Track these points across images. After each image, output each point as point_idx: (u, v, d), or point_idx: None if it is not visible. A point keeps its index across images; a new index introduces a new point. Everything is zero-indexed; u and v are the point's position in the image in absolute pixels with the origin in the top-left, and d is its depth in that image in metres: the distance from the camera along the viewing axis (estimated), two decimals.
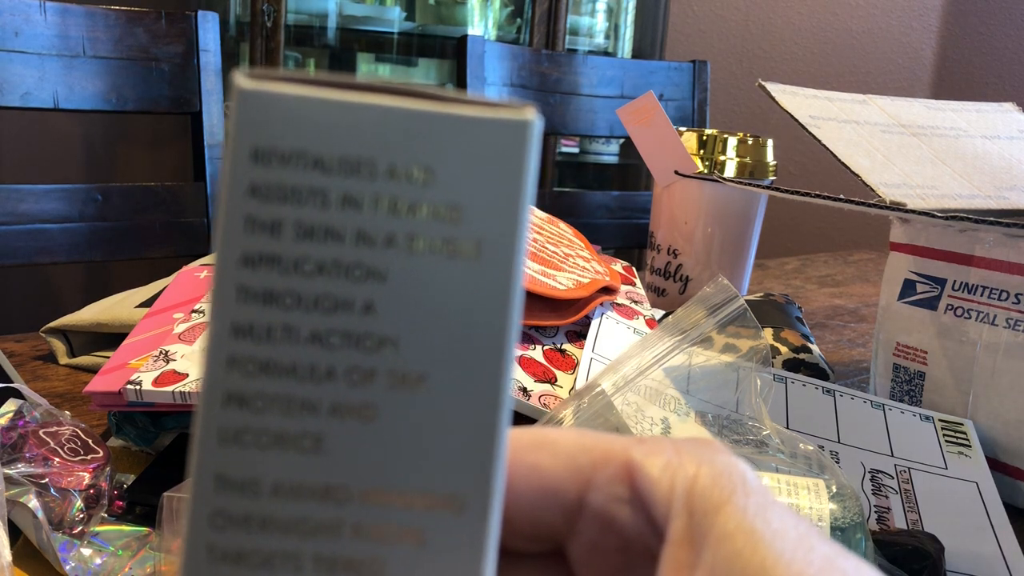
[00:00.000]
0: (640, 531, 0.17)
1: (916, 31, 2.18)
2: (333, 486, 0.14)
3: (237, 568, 0.14)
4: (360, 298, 0.14)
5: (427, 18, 2.11)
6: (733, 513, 0.15)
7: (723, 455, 0.17)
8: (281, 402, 0.14)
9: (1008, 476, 0.59)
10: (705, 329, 0.53)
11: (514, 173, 0.14)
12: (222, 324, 0.14)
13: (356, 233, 0.14)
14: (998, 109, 0.81)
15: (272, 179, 0.14)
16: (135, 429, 0.53)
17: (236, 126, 0.14)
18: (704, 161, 0.89)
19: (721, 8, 2.32)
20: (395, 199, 0.14)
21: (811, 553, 0.15)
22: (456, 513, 0.15)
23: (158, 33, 1.06)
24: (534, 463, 0.17)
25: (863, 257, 1.39)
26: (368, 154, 0.14)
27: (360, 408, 0.14)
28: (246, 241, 0.14)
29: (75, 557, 0.41)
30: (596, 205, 1.39)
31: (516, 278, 0.15)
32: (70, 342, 0.68)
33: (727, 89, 2.28)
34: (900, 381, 0.66)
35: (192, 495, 0.14)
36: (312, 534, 0.14)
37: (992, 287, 0.60)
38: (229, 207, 0.14)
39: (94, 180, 1.99)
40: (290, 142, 0.14)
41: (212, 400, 0.14)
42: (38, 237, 1.00)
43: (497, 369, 0.15)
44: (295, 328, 0.14)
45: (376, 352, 0.14)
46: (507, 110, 0.14)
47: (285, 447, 0.14)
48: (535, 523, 0.17)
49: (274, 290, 0.14)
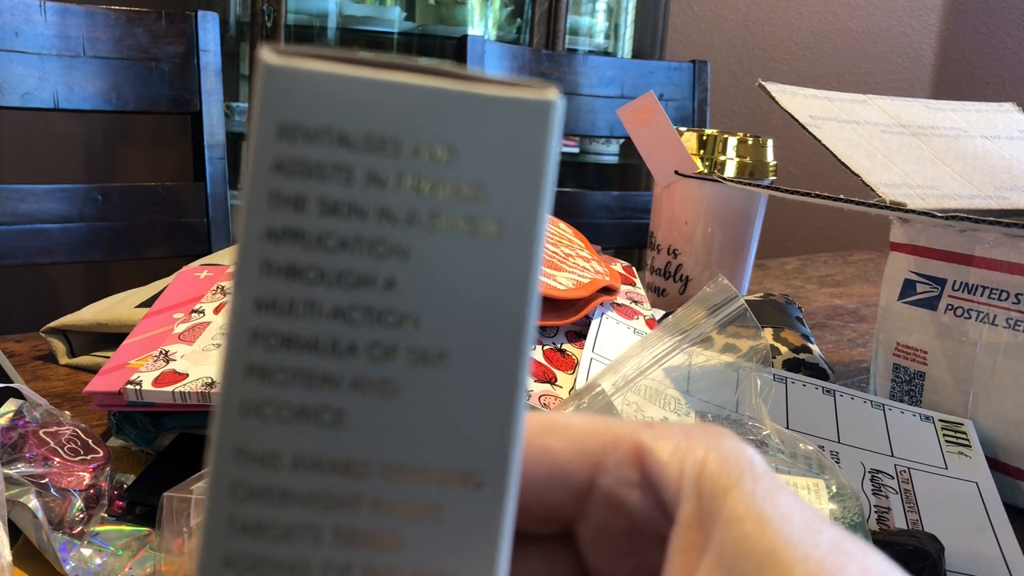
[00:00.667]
0: (649, 514, 0.17)
1: (916, 31, 2.18)
2: (353, 461, 0.14)
3: (256, 539, 0.14)
4: (382, 274, 0.14)
5: (427, 18, 2.11)
6: (742, 497, 0.15)
7: (731, 440, 0.17)
8: (303, 376, 0.14)
9: (1008, 476, 0.59)
10: (705, 329, 0.53)
11: (537, 153, 0.15)
12: (245, 298, 0.14)
13: (379, 210, 0.14)
14: (998, 109, 0.81)
15: (297, 155, 0.14)
16: (135, 429, 0.53)
17: (262, 102, 0.14)
18: (704, 161, 0.89)
19: (721, 8, 2.32)
20: (419, 177, 0.14)
21: (818, 536, 0.15)
22: (474, 490, 0.15)
23: (158, 33, 1.06)
24: (545, 446, 0.17)
25: (863, 257, 1.39)
26: (393, 132, 0.14)
27: (381, 383, 0.14)
28: (270, 216, 0.14)
29: (75, 557, 0.41)
30: (596, 205, 1.39)
31: (537, 257, 0.15)
32: (70, 342, 0.68)
33: (727, 89, 2.28)
34: (900, 381, 0.66)
35: (212, 467, 0.14)
36: (331, 508, 0.14)
37: (992, 287, 0.60)
38: (254, 182, 0.14)
39: (94, 180, 1.99)
40: (316, 118, 0.14)
41: (234, 373, 0.14)
42: (38, 237, 1.00)
43: (516, 348, 0.15)
44: (318, 303, 0.14)
45: (397, 328, 0.14)
46: (531, 90, 0.14)
47: (306, 421, 0.14)
48: (545, 505, 0.18)
49: (297, 265, 0.14)
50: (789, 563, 0.14)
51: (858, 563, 0.14)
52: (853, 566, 0.14)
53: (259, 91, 0.14)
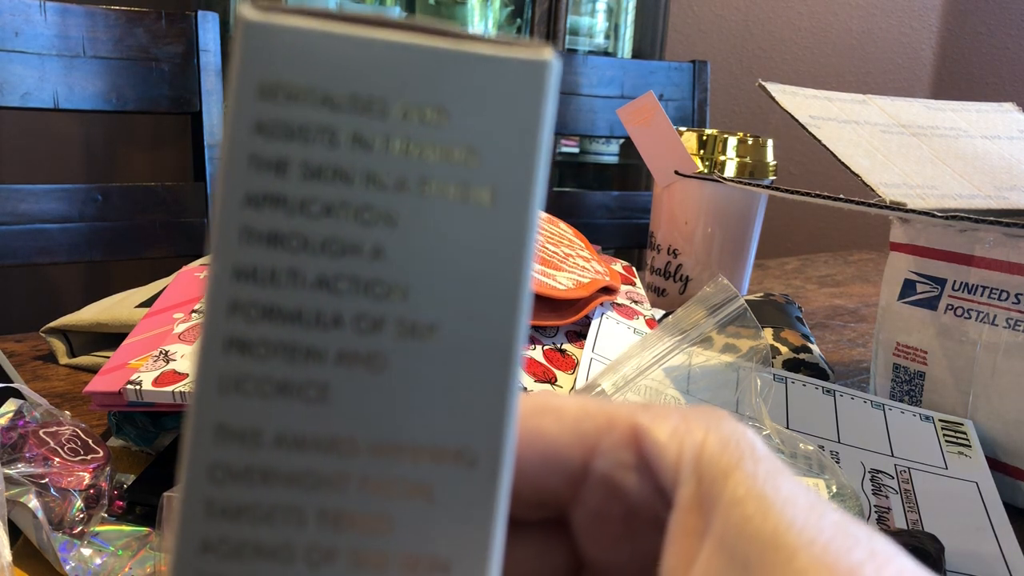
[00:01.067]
0: (646, 498, 0.17)
1: (916, 31, 2.18)
2: (339, 438, 0.14)
3: (236, 523, 0.14)
4: (369, 242, 0.14)
5: (427, 18, 2.10)
6: (743, 479, 0.15)
7: (731, 422, 0.16)
8: (285, 349, 0.14)
9: (1008, 476, 0.59)
10: (705, 329, 0.53)
11: (531, 115, 0.14)
12: (224, 267, 0.13)
13: (366, 174, 0.14)
14: (998, 109, 0.81)
15: (279, 116, 0.13)
16: (135, 429, 0.53)
17: (241, 60, 0.13)
18: (704, 161, 0.89)
19: (721, 8, 2.32)
20: (407, 140, 0.14)
21: (822, 519, 0.14)
22: (467, 468, 0.14)
23: (158, 33, 1.06)
24: (538, 428, 0.17)
25: (863, 257, 1.39)
26: (380, 92, 0.13)
27: (368, 357, 0.14)
28: (250, 180, 0.13)
29: (75, 557, 0.41)
30: (596, 205, 1.39)
31: (532, 225, 0.14)
32: (70, 342, 0.68)
33: (727, 89, 2.28)
34: (900, 381, 0.66)
35: (190, 446, 0.14)
36: (316, 488, 0.14)
37: (992, 287, 0.60)
38: (233, 144, 0.13)
39: (94, 180, 1.99)
40: (298, 78, 0.13)
41: (212, 346, 0.14)
42: (38, 237, 1.00)
43: (510, 320, 0.14)
44: (301, 272, 0.14)
45: (385, 299, 0.14)
46: (525, 49, 0.14)
47: (289, 396, 0.14)
48: (539, 490, 0.17)
49: (279, 232, 0.13)
50: (794, 546, 0.14)
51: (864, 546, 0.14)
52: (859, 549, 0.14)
53: (238, 49, 0.13)
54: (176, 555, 0.14)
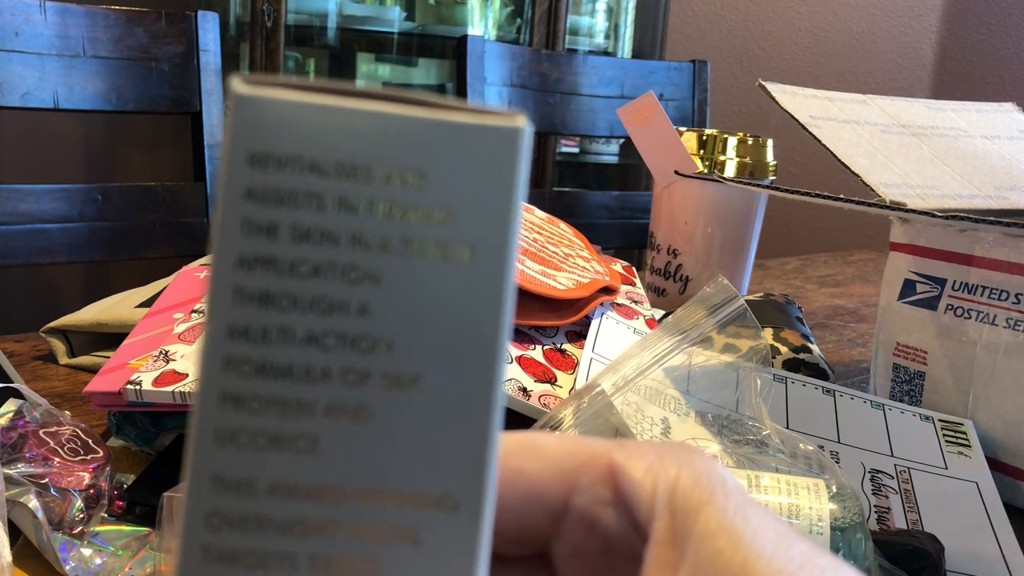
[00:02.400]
0: (623, 532, 0.17)
1: (916, 31, 2.18)
2: (328, 486, 0.14)
3: (233, 568, 0.14)
4: (355, 300, 0.14)
5: (427, 18, 2.11)
6: (714, 513, 0.16)
7: (702, 458, 0.17)
8: (277, 403, 0.14)
9: (1008, 476, 0.59)
10: (705, 329, 0.53)
11: (506, 179, 0.15)
12: (218, 325, 0.14)
13: (351, 236, 0.14)
14: (998, 109, 0.81)
15: (269, 183, 0.14)
16: (135, 429, 0.53)
17: (233, 130, 0.14)
18: (704, 161, 0.89)
19: (721, 8, 2.32)
20: (390, 203, 0.14)
21: (790, 550, 0.15)
22: (450, 512, 0.15)
23: (158, 33, 1.06)
24: (519, 467, 0.18)
25: (863, 257, 1.39)
26: (363, 159, 0.14)
27: (355, 409, 0.14)
28: (242, 243, 0.14)
29: (75, 557, 0.41)
30: (596, 205, 1.39)
31: (508, 281, 0.15)
32: (70, 342, 0.68)
33: (727, 89, 2.28)
34: (900, 381, 0.66)
35: (188, 495, 0.14)
36: (308, 534, 0.14)
37: (992, 287, 0.60)
38: (226, 210, 0.14)
39: (94, 180, 1.99)
40: (286, 147, 0.14)
41: (208, 401, 0.14)
42: (38, 237, 1.00)
43: (489, 371, 0.15)
44: (291, 329, 0.14)
45: (371, 353, 0.14)
46: (498, 117, 0.15)
47: (281, 448, 0.14)
48: (521, 526, 0.18)
49: (270, 292, 0.14)
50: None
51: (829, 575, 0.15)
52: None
53: (230, 120, 0.14)
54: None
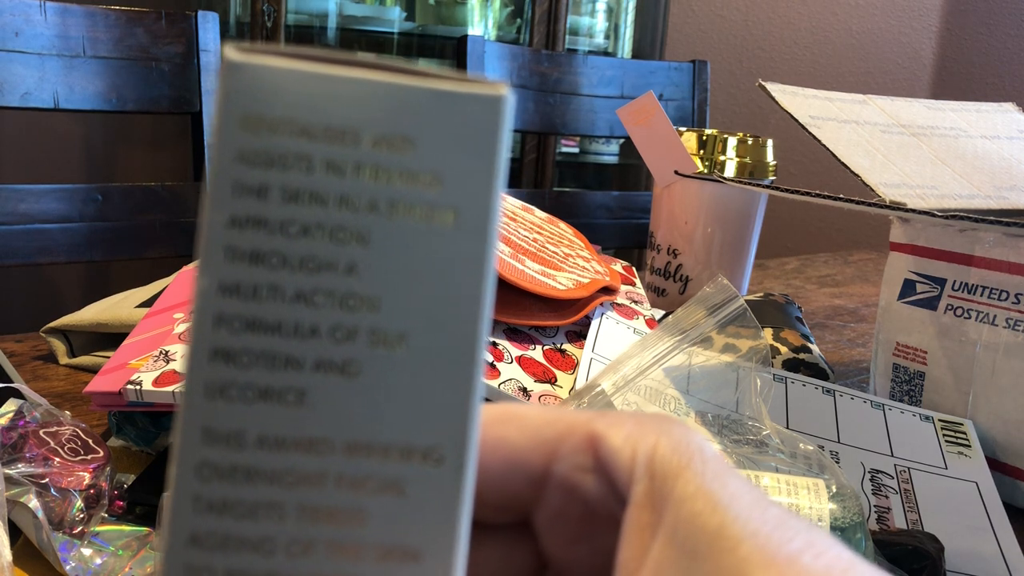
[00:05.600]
0: (603, 498, 0.18)
1: (916, 31, 2.18)
2: (316, 439, 0.15)
3: (222, 517, 0.15)
4: (343, 260, 0.15)
5: (427, 18, 2.11)
6: (692, 478, 0.16)
7: (681, 427, 0.18)
8: (266, 358, 0.15)
9: (1008, 476, 0.59)
10: (705, 329, 0.53)
11: (489, 145, 0.15)
12: (210, 283, 0.15)
13: (339, 198, 0.15)
14: (998, 109, 0.81)
15: (260, 146, 0.15)
16: (135, 429, 0.53)
17: (225, 95, 0.15)
18: (704, 161, 0.89)
19: (721, 8, 2.32)
20: (377, 167, 0.15)
21: (765, 513, 0.15)
22: (435, 466, 0.15)
23: (158, 33, 1.06)
24: (501, 435, 0.18)
25: (863, 257, 1.39)
26: (352, 124, 0.15)
27: (343, 364, 0.15)
28: (234, 204, 0.15)
29: (75, 557, 0.41)
30: (596, 205, 1.39)
31: (491, 245, 0.15)
32: (70, 342, 0.68)
33: (727, 89, 2.28)
34: (900, 381, 0.66)
35: (179, 447, 0.15)
36: (296, 485, 0.15)
37: (992, 287, 0.60)
38: (218, 171, 0.15)
39: (94, 180, 1.99)
40: (277, 111, 0.15)
41: (200, 356, 0.15)
42: (38, 237, 1.00)
43: (473, 331, 0.15)
44: (280, 287, 0.15)
45: (358, 311, 0.15)
46: (482, 86, 0.15)
47: (270, 401, 0.15)
48: (502, 494, 0.18)
49: (261, 250, 0.15)
50: (738, 537, 0.15)
51: (803, 537, 0.15)
52: (798, 540, 0.15)
53: (222, 85, 0.15)
54: (166, 548, 0.15)
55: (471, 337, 0.15)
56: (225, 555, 0.15)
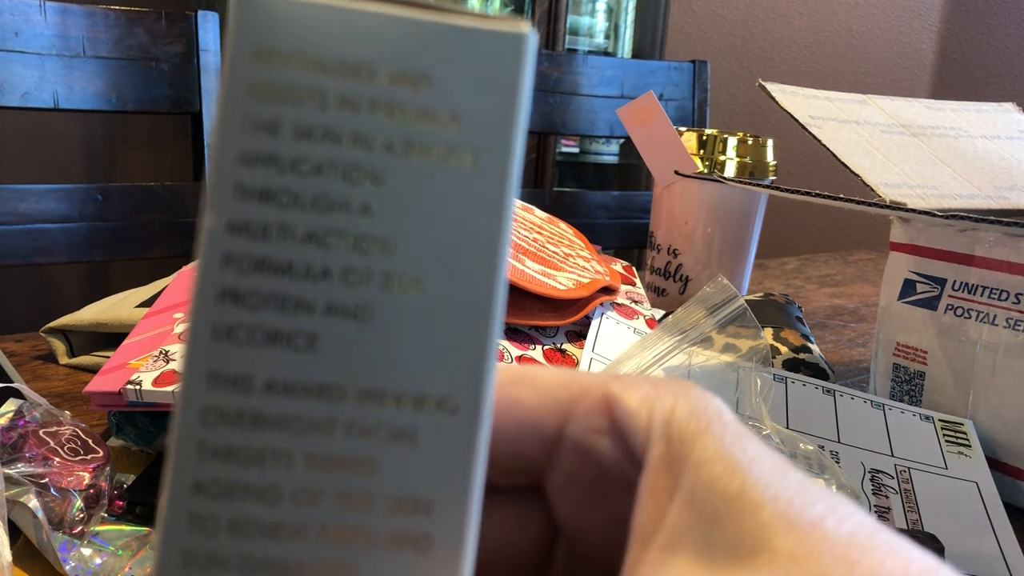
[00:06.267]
0: (617, 461, 0.17)
1: (916, 31, 2.18)
2: (327, 385, 0.14)
3: (227, 465, 0.14)
4: (357, 200, 0.14)
5: None
6: (711, 441, 0.16)
7: (698, 390, 0.17)
8: (276, 299, 0.14)
9: (1008, 476, 0.59)
10: (705, 329, 0.53)
11: (510, 84, 0.15)
12: (218, 221, 0.14)
13: (353, 135, 0.14)
14: (998, 109, 0.81)
15: (272, 79, 0.14)
16: (135, 429, 0.53)
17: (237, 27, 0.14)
18: (704, 161, 0.89)
19: (721, 8, 2.32)
20: (393, 104, 0.14)
21: (786, 478, 0.15)
22: (448, 415, 0.15)
23: (158, 33, 1.06)
24: (514, 396, 0.18)
25: (863, 257, 1.39)
26: (367, 59, 0.14)
27: (355, 308, 0.14)
28: (244, 140, 0.14)
29: (75, 557, 0.41)
30: (596, 205, 1.39)
31: (510, 187, 0.15)
32: (70, 342, 0.68)
33: (727, 89, 2.28)
34: (900, 381, 0.66)
35: (183, 391, 0.14)
36: (304, 432, 0.14)
37: (992, 287, 0.60)
38: (227, 106, 0.14)
39: (94, 180, 1.99)
40: (290, 44, 0.14)
41: (206, 296, 0.14)
42: (38, 237, 1.00)
43: (490, 276, 0.15)
44: (291, 227, 0.14)
45: (372, 253, 0.14)
46: (504, 23, 0.15)
47: (279, 344, 0.14)
48: (514, 456, 0.18)
49: (271, 188, 0.14)
50: (760, 501, 0.15)
51: (825, 502, 0.15)
52: (821, 504, 0.15)
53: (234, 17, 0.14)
54: (168, 495, 0.14)
55: (488, 282, 0.15)
56: (230, 503, 0.14)
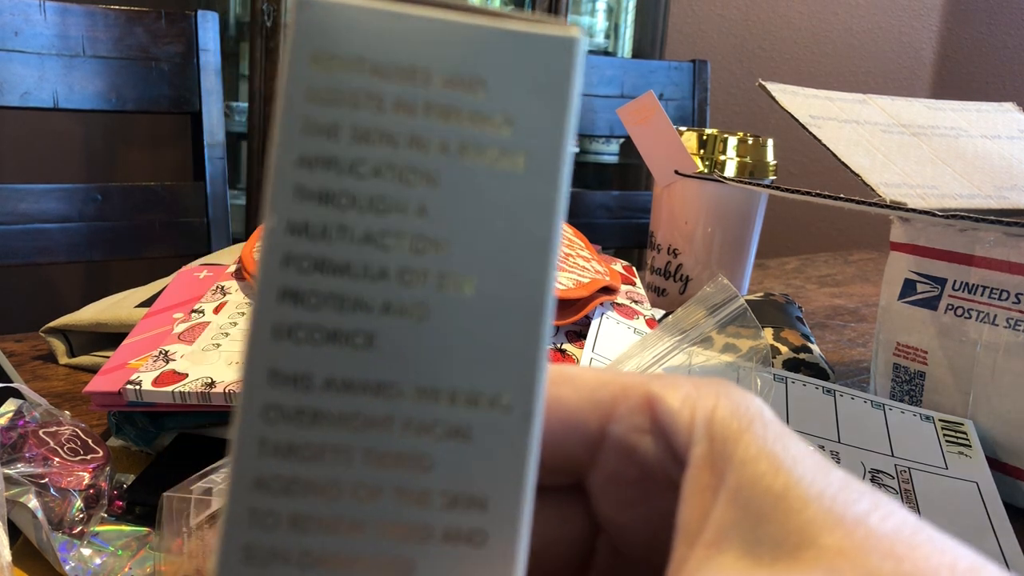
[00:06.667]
0: (660, 460, 0.18)
1: (916, 31, 2.18)
2: (384, 383, 0.15)
3: (288, 460, 0.15)
4: (413, 201, 0.15)
5: None
6: (754, 440, 0.16)
7: (738, 390, 0.17)
8: (335, 299, 0.15)
9: (1008, 476, 0.59)
10: (705, 329, 0.53)
11: (562, 88, 0.15)
12: (279, 222, 0.15)
13: (410, 138, 0.15)
14: (998, 109, 0.81)
15: (330, 83, 0.15)
16: (135, 429, 0.53)
17: (297, 33, 0.14)
18: (704, 161, 0.89)
19: (721, 7, 2.32)
20: (447, 107, 0.15)
21: (830, 476, 0.15)
22: (502, 413, 0.15)
23: (158, 33, 1.06)
24: (557, 396, 0.18)
25: (863, 257, 1.39)
26: (423, 63, 0.15)
27: (411, 307, 0.15)
28: (304, 143, 0.15)
29: (75, 557, 0.41)
30: (596, 205, 1.39)
31: (561, 190, 0.15)
32: (70, 342, 0.68)
33: (727, 89, 2.28)
34: (900, 381, 0.66)
35: (244, 389, 0.15)
36: (363, 429, 0.15)
37: (992, 287, 0.60)
38: (287, 110, 0.15)
39: (94, 180, 1.99)
40: (349, 48, 0.15)
41: (267, 296, 0.15)
42: (38, 237, 1.00)
43: (542, 276, 0.15)
44: (349, 227, 0.15)
45: (427, 253, 0.15)
46: (555, 27, 0.15)
47: (338, 343, 0.15)
48: (557, 455, 0.18)
49: (330, 190, 0.15)
50: (804, 498, 0.15)
51: (869, 499, 0.15)
52: (864, 501, 0.15)
53: (294, 23, 0.15)
54: (231, 492, 0.15)
55: (540, 282, 0.15)
56: (291, 499, 0.15)
